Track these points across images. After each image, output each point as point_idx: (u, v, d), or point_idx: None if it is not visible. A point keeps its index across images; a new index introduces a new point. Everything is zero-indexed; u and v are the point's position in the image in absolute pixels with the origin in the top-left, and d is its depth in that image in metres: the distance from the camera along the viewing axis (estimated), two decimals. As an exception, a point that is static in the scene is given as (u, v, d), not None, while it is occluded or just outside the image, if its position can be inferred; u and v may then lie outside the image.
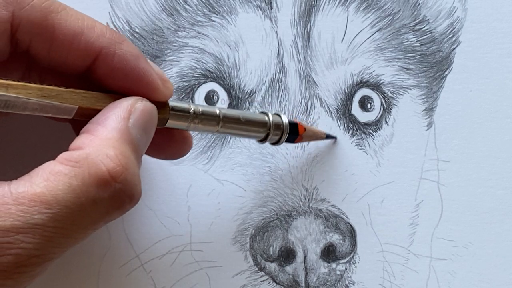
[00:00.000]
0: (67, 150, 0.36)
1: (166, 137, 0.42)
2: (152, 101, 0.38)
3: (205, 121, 0.40)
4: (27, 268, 0.33)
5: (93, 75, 0.38)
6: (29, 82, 0.35)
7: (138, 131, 0.37)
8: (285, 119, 0.44)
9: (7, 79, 0.34)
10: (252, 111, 0.46)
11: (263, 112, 0.44)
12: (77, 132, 0.38)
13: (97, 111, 0.37)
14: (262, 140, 0.44)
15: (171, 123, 0.40)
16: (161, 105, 0.39)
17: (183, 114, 0.40)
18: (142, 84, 0.38)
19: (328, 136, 0.46)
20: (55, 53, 0.37)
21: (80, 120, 0.37)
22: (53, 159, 0.35)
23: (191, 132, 0.43)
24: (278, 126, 0.43)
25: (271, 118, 0.43)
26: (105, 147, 0.35)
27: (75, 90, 0.36)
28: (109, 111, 0.37)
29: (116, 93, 0.38)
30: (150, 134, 0.38)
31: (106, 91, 0.38)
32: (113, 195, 0.35)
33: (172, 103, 0.40)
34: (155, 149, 0.41)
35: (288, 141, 0.44)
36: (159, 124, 0.39)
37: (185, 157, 0.46)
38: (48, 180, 0.34)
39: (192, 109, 0.40)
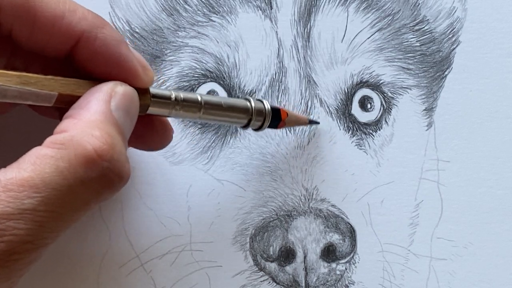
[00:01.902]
0: (53, 132, 0.35)
1: (147, 127, 0.42)
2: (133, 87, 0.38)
3: (186, 108, 0.40)
4: (20, 255, 0.33)
5: (75, 59, 0.38)
6: (9, 70, 0.35)
7: (121, 113, 0.37)
8: (267, 105, 0.44)
9: None
10: (235, 98, 0.46)
11: (245, 98, 0.44)
12: None
13: (77, 98, 0.37)
14: (245, 126, 0.44)
15: (152, 110, 0.39)
16: (142, 92, 0.39)
17: (164, 101, 0.40)
18: (123, 69, 0.38)
19: (311, 122, 0.46)
20: (37, 36, 0.37)
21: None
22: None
23: (175, 122, 0.43)
24: (260, 111, 0.43)
25: (253, 103, 0.43)
26: (90, 128, 0.35)
27: (54, 77, 0.36)
28: (90, 96, 0.37)
29: (97, 79, 0.38)
30: (133, 118, 0.38)
31: (87, 78, 0.38)
32: (101, 174, 0.35)
33: (153, 90, 0.39)
34: (136, 139, 0.41)
35: (270, 126, 0.44)
36: (140, 111, 0.39)
37: (185, 157, 0.46)
38: (35, 164, 0.33)
39: (173, 96, 0.40)
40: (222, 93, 0.47)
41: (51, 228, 0.34)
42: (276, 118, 0.44)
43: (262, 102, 0.44)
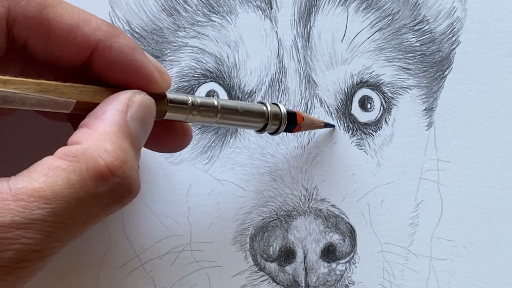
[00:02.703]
0: (65, 145, 0.35)
1: (166, 130, 0.42)
2: (150, 93, 0.38)
3: (203, 113, 0.40)
4: (27, 263, 0.33)
5: (91, 68, 0.38)
6: (28, 77, 0.35)
7: (136, 124, 0.37)
8: (283, 109, 0.44)
9: (4, 75, 0.34)
10: (250, 102, 0.46)
11: (261, 102, 0.44)
12: (75, 129, 0.38)
13: (95, 105, 0.37)
14: (261, 130, 0.44)
15: (169, 115, 0.39)
16: (159, 97, 0.39)
17: (181, 106, 0.40)
18: (140, 76, 0.38)
19: (326, 125, 0.46)
20: (51, 47, 0.37)
21: (80, 119, 0.37)
22: (53, 153, 0.35)
23: (191, 125, 0.43)
24: (276, 115, 0.43)
25: (269, 108, 0.43)
26: (103, 141, 0.35)
27: (73, 84, 0.36)
28: (106, 105, 0.37)
29: (114, 87, 0.38)
30: (149, 127, 0.38)
31: (104, 85, 0.38)
32: (111, 189, 0.35)
33: (170, 95, 0.39)
34: (155, 142, 0.41)
35: (286, 130, 0.44)
36: (157, 117, 0.39)
37: (185, 157, 0.46)
38: (46, 175, 0.34)
39: (190, 101, 0.40)
40: (222, 93, 0.47)
41: (58, 238, 0.34)
42: (292, 122, 0.44)
43: (278, 106, 0.44)
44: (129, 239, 0.46)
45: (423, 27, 0.48)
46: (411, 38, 0.48)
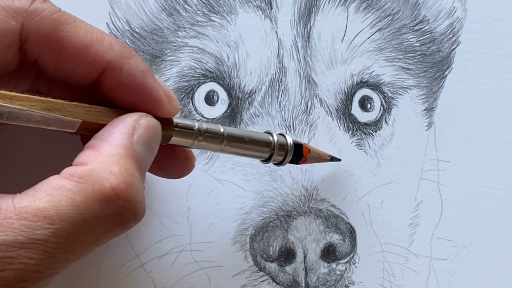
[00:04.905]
0: (71, 165, 0.35)
1: (169, 156, 0.42)
2: (156, 117, 0.38)
3: (209, 139, 0.40)
4: (28, 283, 0.33)
5: (100, 88, 0.38)
6: (35, 94, 0.35)
7: (142, 147, 0.37)
8: (289, 140, 0.43)
9: (11, 91, 0.34)
10: (257, 131, 0.46)
11: (267, 132, 0.44)
12: (84, 144, 0.38)
13: (100, 126, 0.37)
14: (266, 160, 0.44)
15: (174, 140, 0.39)
16: (165, 122, 0.39)
17: (187, 131, 0.39)
18: (148, 100, 0.38)
19: (333, 158, 0.46)
20: (63, 65, 0.37)
21: (88, 134, 0.37)
22: (59, 171, 0.35)
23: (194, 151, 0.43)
24: (283, 146, 0.43)
25: (275, 138, 0.43)
26: (110, 164, 0.35)
27: (79, 103, 0.36)
28: (113, 127, 0.36)
29: (121, 108, 0.38)
30: (154, 151, 0.38)
31: (111, 106, 0.38)
32: (116, 212, 0.35)
33: (176, 120, 0.39)
34: (157, 167, 0.41)
35: (292, 162, 0.44)
36: (162, 141, 0.38)
37: (185, 157, 0.46)
38: (51, 195, 0.33)
39: (196, 127, 0.40)
40: (222, 93, 0.47)
41: (60, 259, 0.34)
42: (298, 154, 0.44)
43: (285, 136, 0.44)
44: (129, 239, 0.46)
45: (423, 27, 0.48)
46: (411, 38, 0.48)
